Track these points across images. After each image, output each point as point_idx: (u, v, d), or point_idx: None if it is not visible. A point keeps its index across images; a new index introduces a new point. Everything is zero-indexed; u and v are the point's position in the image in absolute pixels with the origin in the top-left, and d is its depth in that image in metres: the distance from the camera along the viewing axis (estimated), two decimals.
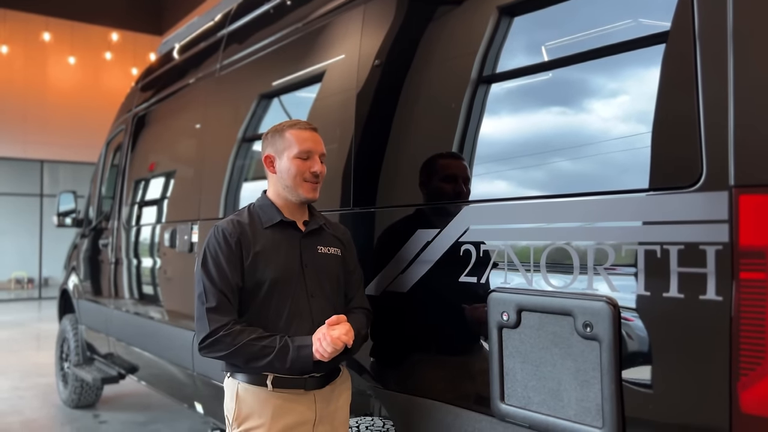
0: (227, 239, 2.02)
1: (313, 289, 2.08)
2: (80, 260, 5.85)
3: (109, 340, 4.97)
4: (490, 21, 2.00)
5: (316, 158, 2.09)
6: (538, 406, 1.67)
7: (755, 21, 1.36)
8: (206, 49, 4.08)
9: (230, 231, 2.03)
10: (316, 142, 2.11)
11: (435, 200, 2.12)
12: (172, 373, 3.93)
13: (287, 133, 2.10)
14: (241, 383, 2.03)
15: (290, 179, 2.08)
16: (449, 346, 2.07)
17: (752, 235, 1.31)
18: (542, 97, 1.88)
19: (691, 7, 1.45)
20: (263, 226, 2.09)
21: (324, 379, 2.08)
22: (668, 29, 1.51)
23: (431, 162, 2.15)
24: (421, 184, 2.16)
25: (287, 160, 2.08)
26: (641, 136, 1.55)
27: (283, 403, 2.01)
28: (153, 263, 4.22)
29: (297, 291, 2.04)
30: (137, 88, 5.36)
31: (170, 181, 4.34)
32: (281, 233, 2.09)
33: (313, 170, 2.07)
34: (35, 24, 14.85)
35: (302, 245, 2.10)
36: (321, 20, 2.84)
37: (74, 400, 5.62)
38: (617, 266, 1.54)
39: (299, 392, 2.03)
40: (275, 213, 2.11)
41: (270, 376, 1.99)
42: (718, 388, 1.34)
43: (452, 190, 2.07)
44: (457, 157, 2.07)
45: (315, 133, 2.13)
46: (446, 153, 2.11)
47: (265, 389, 2.00)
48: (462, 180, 2.04)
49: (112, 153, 5.60)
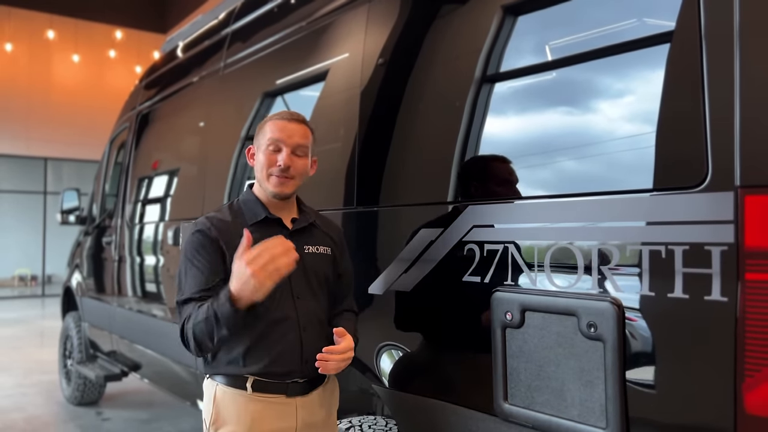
0: (207, 237, 1.91)
1: (299, 290, 1.96)
2: (83, 258, 5.85)
3: (112, 337, 4.98)
4: (495, 20, 1.99)
5: (286, 151, 1.94)
6: (542, 406, 1.67)
7: (762, 20, 1.36)
8: (210, 48, 4.08)
9: (209, 228, 1.92)
10: (292, 134, 1.95)
11: (439, 199, 2.11)
12: (174, 371, 3.93)
13: (267, 124, 1.99)
14: (219, 385, 1.93)
15: (259, 172, 1.97)
16: (453, 346, 2.07)
17: (758, 236, 1.30)
18: (547, 96, 1.87)
19: (698, 7, 1.44)
20: (247, 224, 1.94)
21: (308, 385, 1.97)
22: (674, 29, 1.51)
23: (435, 161, 2.14)
24: (425, 183, 2.15)
25: (261, 152, 1.97)
26: (646, 136, 1.54)
27: (262, 409, 1.90)
28: (156, 261, 4.23)
29: (282, 292, 1.90)
30: (141, 85, 5.36)
31: (174, 179, 4.35)
32: (266, 231, 1.91)
33: (278, 163, 1.92)
34: (39, 22, 14.88)
35: None
36: (325, 19, 2.84)
37: (77, 398, 5.63)
38: (622, 266, 1.53)
39: (280, 398, 1.92)
40: (260, 209, 1.99)
41: (250, 380, 1.90)
42: (722, 389, 1.34)
43: (456, 188, 2.07)
44: (462, 157, 2.06)
45: (297, 124, 1.97)
46: (450, 152, 2.10)
47: (244, 393, 1.90)
48: (466, 179, 2.04)
49: (115, 151, 5.61)
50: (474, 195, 2.00)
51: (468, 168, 2.03)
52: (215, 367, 1.96)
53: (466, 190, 2.04)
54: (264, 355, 1.91)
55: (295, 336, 1.93)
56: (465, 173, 2.04)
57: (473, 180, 2.01)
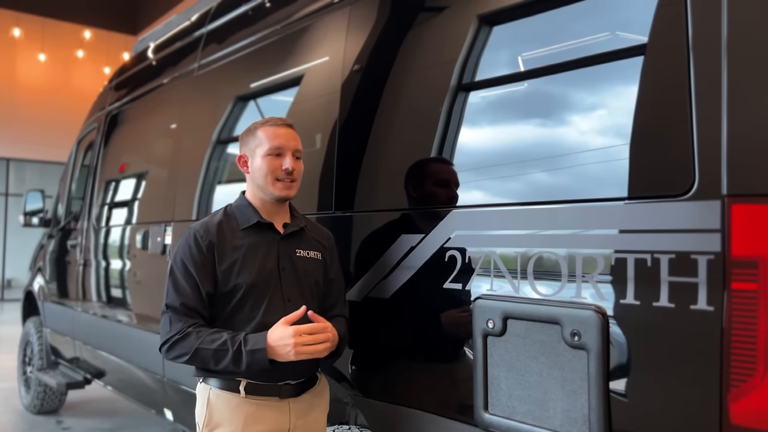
0: (198, 244, 1.96)
1: (290, 293, 2.01)
2: (47, 261, 5.70)
3: (76, 343, 4.84)
4: (473, 28, 1.98)
5: (288, 155, 2.01)
6: (523, 416, 1.64)
7: (749, 30, 1.36)
8: (184, 48, 4.00)
9: (201, 235, 1.97)
10: (289, 139, 2.03)
11: (420, 205, 2.08)
12: (140, 379, 3.83)
13: (259, 131, 2.04)
14: (213, 389, 1.97)
15: (262, 178, 2.01)
16: (432, 354, 2.04)
17: (744, 245, 1.30)
18: (532, 103, 1.86)
19: (686, 17, 1.44)
20: (240, 228, 2.02)
21: (300, 387, 2.02)
22: (662, 39, 1.51)
23: (416, 166, 2.11)
24: (406, 188, 2.12)
25: (259, 158, 2.02)
26: (634, 144, 1.53)
27: (256, 411, 1.94)
28: (123, 265, 4.12)
29: (273, 296, 1.98)
30: (111, 85, 5.25)
31: (144, 181, 4.25)
32: (258, 235, 2.02)
33: (285, 167, 1.99)
34: (5, 19, 14.55)
35: (280, 248, 2.03)
36: (305, 20, 2.80)
37: (36, 406, 5.46)
38: (606, 274, 1.52)
39: (273, 400, 1.96)
40: (252, 214, 2.04)
41: (243, 382, 1.93)
42: (708, 400, 1.32)
43: (438, 194, 2.04)
44: (444, 162, 2.04)
45: (289, 129, 2.06)
46: (432, 157, 2.08)
47: (237, 395, 1.94)
48: (448, 185, 2.01)
49: (83, 152, 5.47)
50: (456, 201, 1.97)
51: (450, 173, 2.01)
52: (208, 371, 1.97)
53: (448, 196, 2.01)
54: None
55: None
56: (447, 179, 2.02)
57: (455, 185, 1.99)
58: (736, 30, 1.36)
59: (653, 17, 1.52)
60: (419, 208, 2.08)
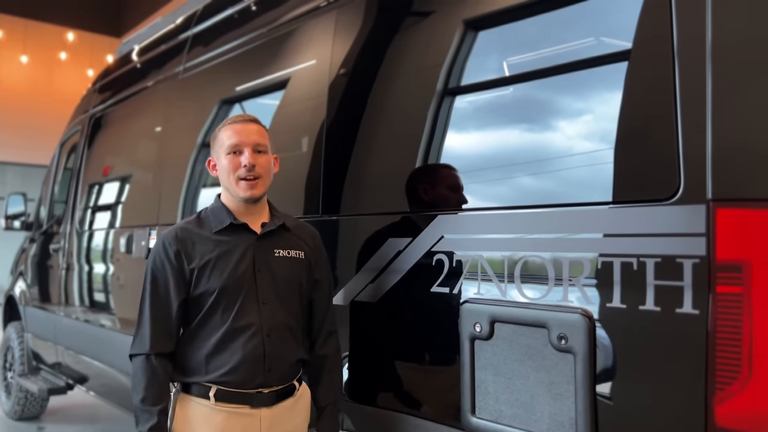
0: (167, 252, 1.91)
1: (265, 295, 1.92)
2: (28, 265, 5.62)
3: (58, 349, 4.78)
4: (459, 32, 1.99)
5: (247, 150, 1.92)
6: (510, 420, 1.64)
7: (733, 35, 1.38)
8: (169, 51, 3.97)
9: (170, 242, 1.92)
10: (248, 134, 1.94)
11: (407, 208, 2.08)
12: (123, 384, 3.78)
13: (220, 132, 1.99)
14: (182, 394, 1.91)
15: (226, 179, 1.95)
16: (419, 358, 2.03)
17: (729, 249, 1.31)
18: (518, 107, 1.87)
19: (670, 21, 1.45)
20: (213, 231, 1.95)
21: (274, 396, 1.92)
22: (647, 44, 1.52)
23: (403, 170, 2.11)
24: (393, 191, 2.12)
25: (222, 159, 1.96)
26: (619, 148, 1.55)
27: (225, 419, 1.86)
28: (107, 269, 4.08)
29: (246, 299, 1.90)
30: (95, 88, 5.20)
31: (128, 184, 4.21)
32: (233, 237, 1.94)
33: (243, 164, 1.91)
34: None
35: (256, 249, 1.95)
36: (292, 24, 2.79)
37: (17, 412, 5.38)
38: (593, 278, 1.53)
39: (244, 408, 1.88)
40: (225, 216, 1.96)
41: (213, 389, 1.86)
42: (693, 402, 1.34)
43: (425, 198, 2.04)
44: (431, 166, 2.04)
45: (248, 124, 1.97)
46: (419, 161, 2.08)
47: (207, 402, 1.87)
48: (435, 188, 2.02)
49: (66, 155, 5.41)
50: (444, 204, 1.97)
51: (438, 177, 2.01)
52: (178, 375, 1.93)
53: (435, 199, 2.01)
54: (225, 362, 1.87)
55: (257, 342, 1.89)
56: (434, 182, 2.02)
57: (443, 189, 1.99)
58: (720, 35, 1.37)
59: (638, 22, 1.54)
60: (406, 212, 2.08)
